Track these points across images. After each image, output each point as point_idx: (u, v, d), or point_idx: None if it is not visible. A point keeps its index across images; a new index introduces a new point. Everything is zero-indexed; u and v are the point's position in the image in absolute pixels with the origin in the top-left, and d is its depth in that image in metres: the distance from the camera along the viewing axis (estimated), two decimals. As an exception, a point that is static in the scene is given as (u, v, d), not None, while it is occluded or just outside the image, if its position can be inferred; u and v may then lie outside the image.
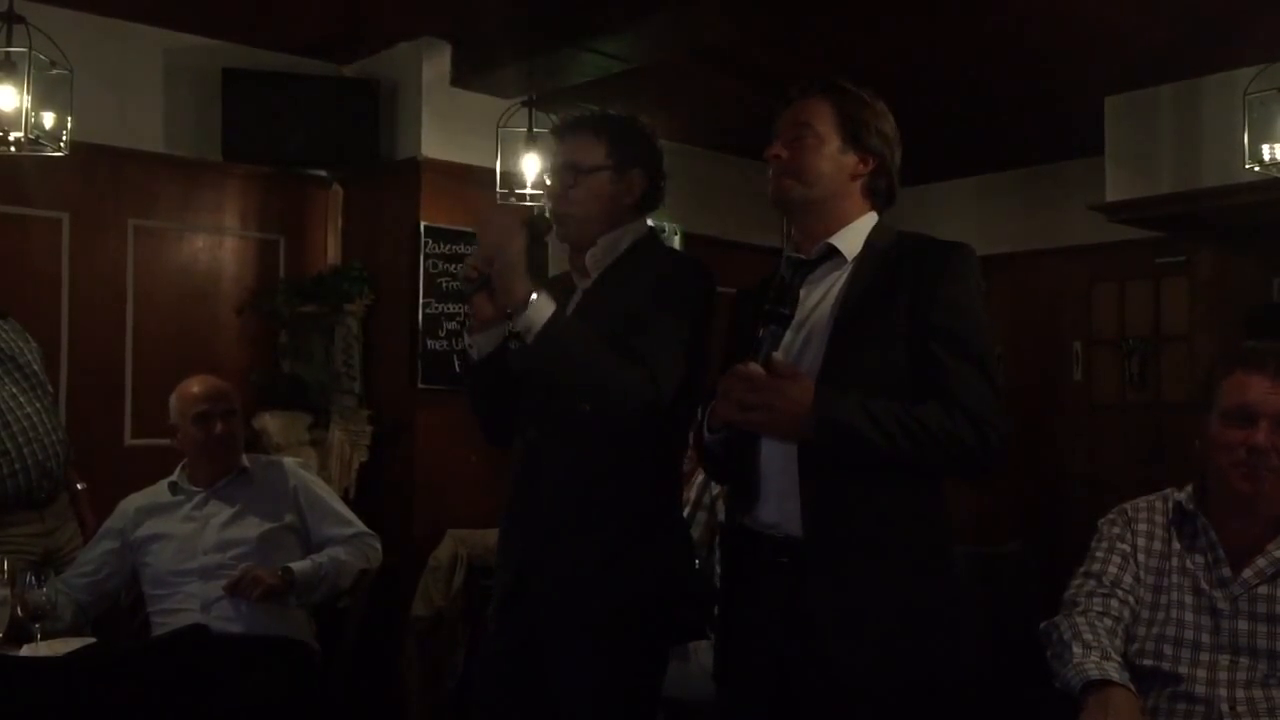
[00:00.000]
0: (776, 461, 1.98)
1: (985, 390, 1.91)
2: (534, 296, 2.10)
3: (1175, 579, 2.19)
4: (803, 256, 2.09)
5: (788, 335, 2.00)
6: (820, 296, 2.03)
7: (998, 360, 1.99)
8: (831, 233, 2.06)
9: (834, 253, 2.05)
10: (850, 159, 2.05)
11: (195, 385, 3.32)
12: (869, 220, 2.09)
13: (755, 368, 1.92)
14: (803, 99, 2.09)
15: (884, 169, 2.08)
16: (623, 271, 2.33)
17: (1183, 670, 2.10)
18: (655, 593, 2.25)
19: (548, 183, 2.40)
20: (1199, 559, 2.19)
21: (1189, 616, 2.15)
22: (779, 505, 1.98)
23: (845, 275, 2.02)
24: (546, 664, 2.27)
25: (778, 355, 1.94)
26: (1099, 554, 2.27)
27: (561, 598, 2.25)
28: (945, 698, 1.94)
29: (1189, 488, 2.26)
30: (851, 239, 2.05)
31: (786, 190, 2.08)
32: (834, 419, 1.87)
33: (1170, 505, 2.27)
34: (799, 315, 2.02)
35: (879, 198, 2.10)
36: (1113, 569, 2.23)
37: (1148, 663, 2.13)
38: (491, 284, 2.24)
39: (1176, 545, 2.22)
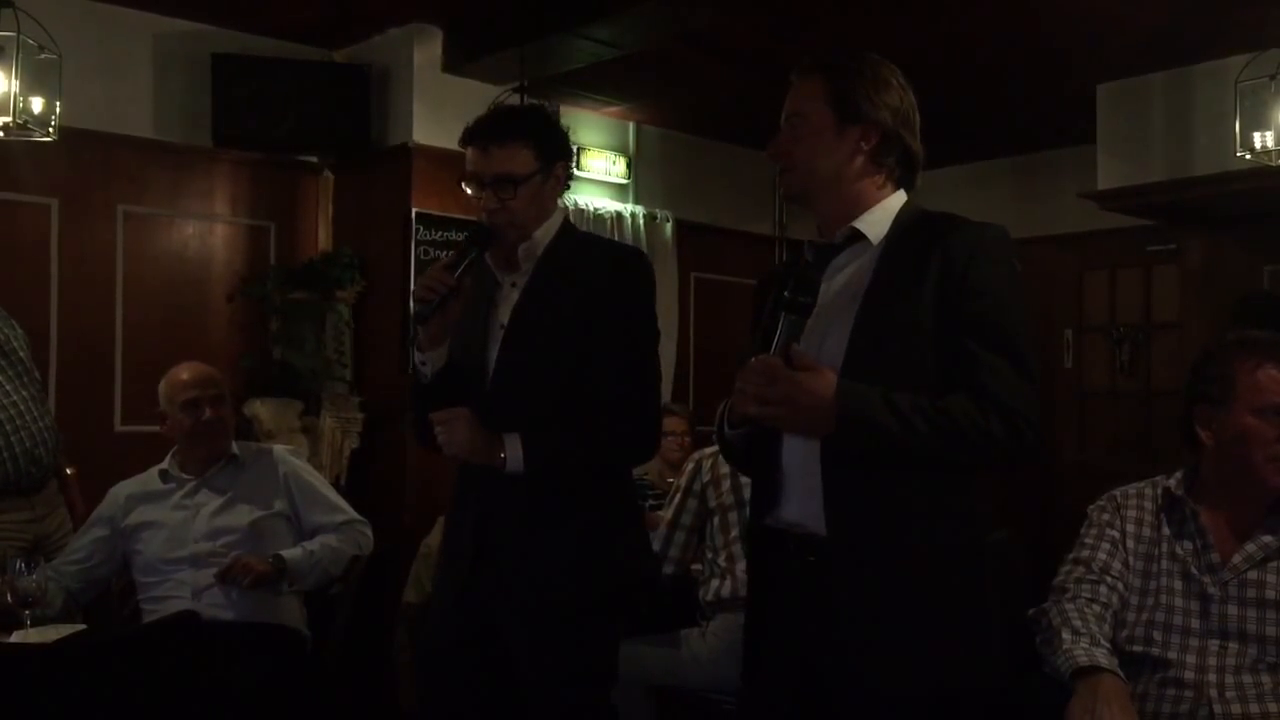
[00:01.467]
0: (799, 458, 1.89)
1: (1017, 381, 1.81)
2: (506, 450, 2.24)
3: (1165, 565, 2.20)
4: (825, 242, 1.98)
5: (809, 325, 1.87)
6: (844, 283, 1.92)
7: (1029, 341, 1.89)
8: (854, 216, 1.93)
9: (859, 236, 1.93)
10: (850, 136, 1.93)
11: (184, 372, 3.31)
12: (896, 200, 1.96)
13: (774, 361, 1.82)
14: (796, 83, 2.00)
15: (891, 140, 1.93)
16: (557, 264, 2.35)
17: (1172, 656, 2.11)
18: (614, 581, 2.30)
19: (470, 192, 2.35)
20: (1188, 545, 2.20)
21: (1178, 602, 2.16)
22: (802, 503, 1.89)
23: (870, 260, 1.90)
24: (506, 649, 2.30)
25: (797, 347, 1.82)
26: (1088, 541, 2.28)
27: (521, 588, 2.27)
28: (970, 705, 1.85)
29: (1178, 474, 2.27)
30: (877, 221, 1.93)
31: (790, 185, 1.99)
32: (856, 413, 1.77)
33: (1159, 492, 2.28)
34: (821, 303, 1.89)
35: (896, 173, 1.96)
36: (1102, 555, 2.24)
37: (1137, 648, 2.14)
38: (447, 303, 2.27)
39: (1166, 531, 2.23)
